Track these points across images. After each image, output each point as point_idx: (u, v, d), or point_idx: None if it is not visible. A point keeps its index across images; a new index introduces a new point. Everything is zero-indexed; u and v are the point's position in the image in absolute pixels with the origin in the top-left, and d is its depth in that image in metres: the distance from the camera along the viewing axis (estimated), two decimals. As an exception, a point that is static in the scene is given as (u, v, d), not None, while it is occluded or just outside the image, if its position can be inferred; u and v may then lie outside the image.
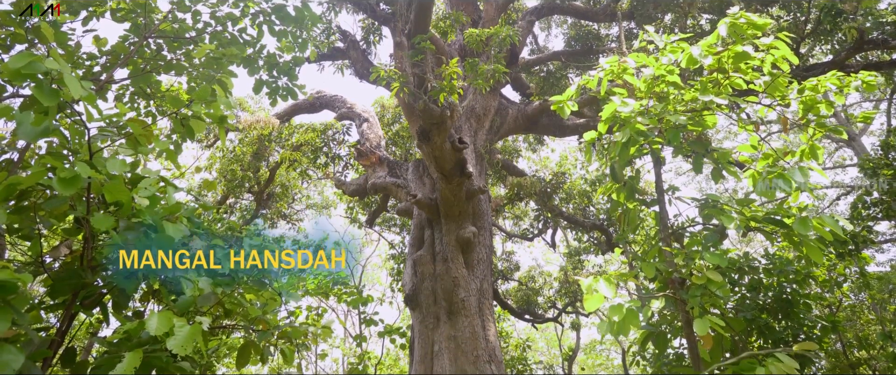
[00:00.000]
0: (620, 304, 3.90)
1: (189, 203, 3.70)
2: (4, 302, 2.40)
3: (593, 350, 28.96)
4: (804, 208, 4.49)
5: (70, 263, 3.28)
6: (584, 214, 15.25)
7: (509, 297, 18.61)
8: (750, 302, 5.98)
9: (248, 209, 16.43)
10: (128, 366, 2.53)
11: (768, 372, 3.61)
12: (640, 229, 10.81)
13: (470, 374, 8.74)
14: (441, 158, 8.90)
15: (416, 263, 10.07)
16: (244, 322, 3.68)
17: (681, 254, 4.57)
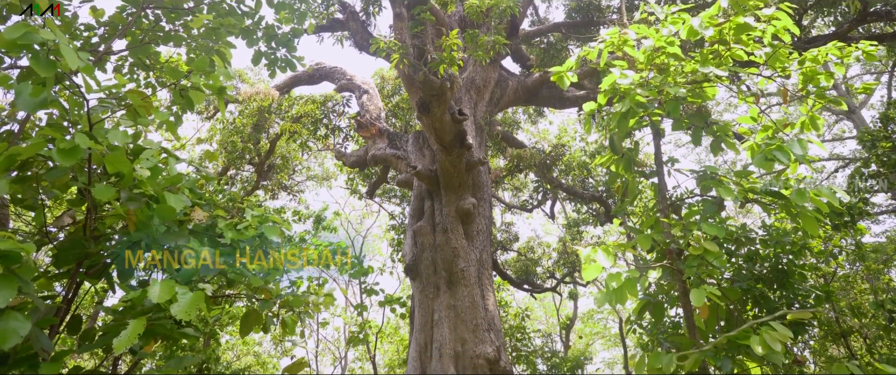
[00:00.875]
0: (618, 273, 3.95)
1: (190, 174, 3.72)
2: (10, 271, 2.44)
3: (591, 319, 29.38)
4: (802, 180, 4.52)
5: (74, 233, 3.31)
6: (582, 186, 15.30)
7: (508, 267, 18.80)
8: (746, 272, 6.05)
9: (249, 180, 16.46)
10: (132, 333, 2.58)
11: (762, 341, 3.69)
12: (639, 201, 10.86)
13: (469, 342, 8.90)
14: (441, 130, 8.89)
15: (417, 234, 10.16)
16: (247, 291, 3.73)
17: (678, 225, 4.62)
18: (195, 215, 3.47)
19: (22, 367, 2.72)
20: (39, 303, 2.82)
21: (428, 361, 9.04)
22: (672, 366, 4.00)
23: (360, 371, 30.08)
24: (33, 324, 2.55)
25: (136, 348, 3.20)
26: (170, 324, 3.04)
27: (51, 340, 2.84)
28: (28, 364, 2.71)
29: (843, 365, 3.59)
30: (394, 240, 17.62)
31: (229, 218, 3.66)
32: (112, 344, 2.56)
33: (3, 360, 2.73)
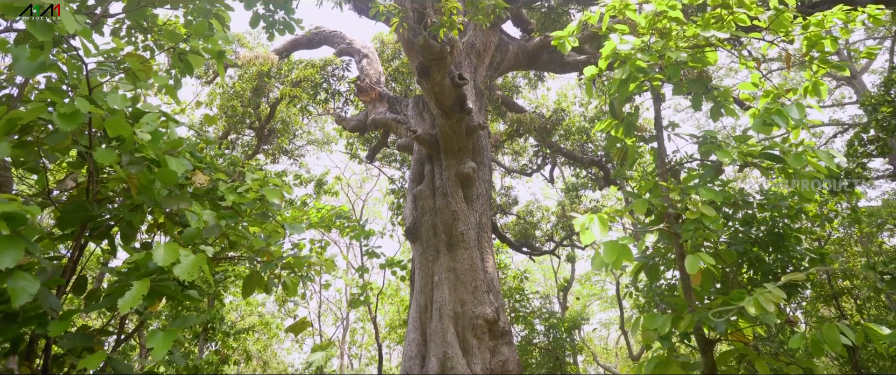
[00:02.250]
0: (614, 242, 3.99)
1: (191, 138, 3.73)
2: (15, 233, 2.47)
3: (588, 281, 29.80)
4: (801, 144, 4.53)
5: (76, 196, 3.34)
6: (582, 150, 15.29)
7: (508, 231, 18.96)
8: (742, 235, 6.13)
9: (250, 145, 16.46)
10: (137, 293, 2.62)
11: (756, 302, 3.75)
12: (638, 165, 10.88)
13: (469, 303, 9.06)
14: (441, 94, 8.84)
15: (417, 198, 10.22)
16: (249, 253, 3.79)
17: (677, 189, 4.65)
18: (196, 179, 3.50)
19: (32, 325, 2.79)
20: (46, 264, 2.87)
21: (428, 321, 9.23)
22: (667, 327, 4.10)
23: (362, 331, 30.69)
24: (41, 284, 2.60)
25: (141, 308, 3.27)
26: (173, 285, 3.10)
27: (58, 300, 2.90)
28: (37, 323, 2.78)
29: (834, 325, 3.67)
30: (394, 204, 17.72)
31: (230, 182, 3.68)
32: (117, 304, 2.62)
33: (13, 318, 2.80)
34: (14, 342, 2.94)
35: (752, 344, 4.70)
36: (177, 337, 2.76)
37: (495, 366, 8.70)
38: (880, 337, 3.63)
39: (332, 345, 27.86)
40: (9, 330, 2.80)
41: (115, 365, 3.06)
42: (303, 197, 9.35)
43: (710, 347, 4.49)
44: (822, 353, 3.76)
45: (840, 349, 3.64)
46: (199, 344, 14.50)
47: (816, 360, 5.64)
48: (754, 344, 4.78)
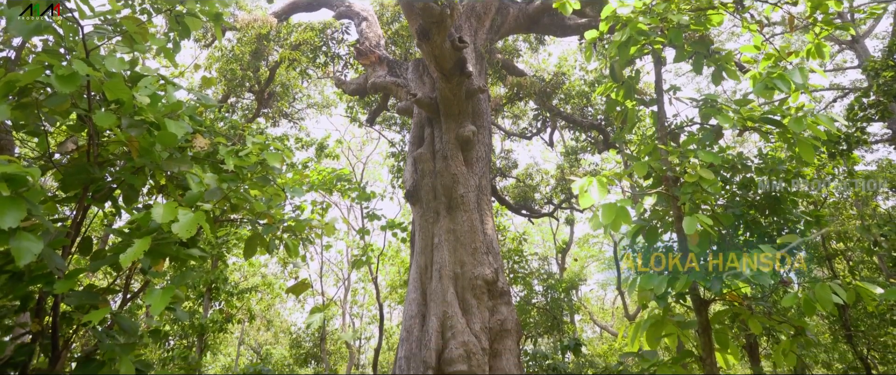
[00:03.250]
0: (613, 204, 4.02)
1: (190, 101, 3.72)
2: (17, 194, 2.49)
3: (586, 243, 30.07)
4: (802, 108, 4.52)
5: (78, 159, 3.36)
6: (582, 114, 15.22)
7: (507, 193, 19.04)
8: (740, 198, 6.16)
9: (250, 108, 16.38)
10: (137, 250, 2.66)
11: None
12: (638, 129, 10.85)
13: (468, 264, 9.18)
14: (441, 57, 8.75)
15: (417, 160, 10.24)
16: (250, 216, 3.83)
17: (676, 153, 4.66)
18: (196, 142, 3.51)
19: (39, 283, 2.86)
20: (49, 225, 2.90)
21: (428, 282, 9.37)
22: (663, 287, 4.17)
23: (363, 291, 31.16)
24: (45, 245, 2.64)
25: (146, 267, 3.33)
26: (175, 245, 3.14)
27: (63, 260, 2.96)
28: (44, 282, 2.84)
29: (826, 285, 3.74)
30: (394, 167, 17.74)
31: (231, 145, 3.69)
32: (119, 260, 2.66)
33: (20, 277, 2.86)
34: (23, 300, 3.02)
35: (746, 304, 4.80)
36: (175, 294, 2.82)
37: (494, 325, 8.88)
38: (871, 296, 3.71)
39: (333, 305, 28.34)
40: (17, 289, 2.87)
41: (121, 322, 3.14)
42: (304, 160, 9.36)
43: (704, 307, 4.58)
44: (813, 312, 3.85)
45: (831, 308, 3.72)
46: (204, 304, 14.76)
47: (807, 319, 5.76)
48: (748, 304, 4.88)
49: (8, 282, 2.87)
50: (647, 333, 4.43)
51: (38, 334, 3.02)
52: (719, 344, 4.42)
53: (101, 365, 3.03)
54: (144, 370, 3.26)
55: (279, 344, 30.13)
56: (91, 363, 3.04)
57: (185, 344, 14.37)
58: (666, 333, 4.49)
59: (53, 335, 3.02)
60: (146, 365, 3.30)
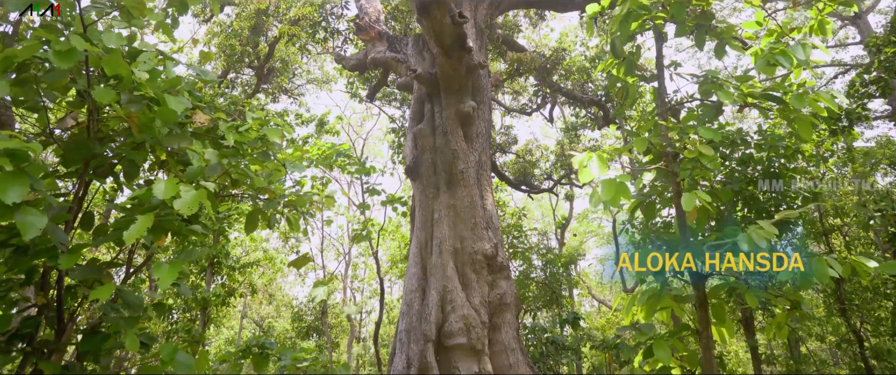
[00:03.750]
0: (612, 180, 4.03)
1: (189, 76, 3.71)
2: (19, 169, 2.50)
3: (585, 219, 30.19)
4: (803, 84, 4.50)
5: (78, 135, 3.37)
6: (582, 90, 15.14)
7: (507, 169, 19.05)
8: (739, 174, 6.19)
9: (250, 84, 16.29)
10: (140, 227, 2.68)
11: (749, 238, 3.84)
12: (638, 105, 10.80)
13: (468, 239, 9.25)
14: (441, 33, 8.67)
15: (417, 136, 10.23)
16: (251, 191, 3.85)
17: (676, 128, 4.66)
18: (196, 118, 3.51)
19: (43, 257, 2.89)
20: (51, 200, 2.92)
21: (428, 257, 9.45)
22: (661, 262, 4.21)
23: (364, 265, 31.40)
24: (48, 220, 2.66)
25: (148, 242, 3.36)
26: (177, 220, 3.16)
27: (66, 234, 2.99)
28: (48, 256, 2.88)
29: (822, 259, 3.77)
30: (394, 143, 17.71)
31: (231, 121, 3.69)
32: (123, 237, 2.68)
33: (25, 251, 2.89)
34: (28, 273, 3.05)
35: (743, 278, 4.85)
36: (181, 269, 2.85)
37: (493, 299, 8.98)
38: (866, 270, 3.75)
39: (335, 280, 28.59)
40: (21, 262, 2.90)
41: (125, 296, 3.18)
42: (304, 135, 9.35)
43: (702, 281, 4.62)
44: (809, 286, 3.89)
45: (827, 281, 3.76)
46: (207, 278, 14.90)
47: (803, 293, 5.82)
48: (744, 278, 4.93)
49: (12, 256, 2.90)
50: (644, 307, 4.48)
51: (43, 307, 3.07)
52: (716, 318, 4.48)
53: (106, 338, 3.09)
54: (149, 342, 3.32)
55: (281, 318, 30.50)
56: (97, 335, 3.10)
57: (189, 318, 14.55)
58: (662, 307, 4.55)
59: (58, 308, 3.07)
60: (150, 338, 3.36)
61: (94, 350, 3.08)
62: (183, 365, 2.92)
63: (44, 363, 2.89)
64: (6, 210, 2.43)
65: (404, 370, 8.11)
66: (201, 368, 3.28)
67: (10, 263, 2.89)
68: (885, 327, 10.77)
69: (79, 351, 3.08)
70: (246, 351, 5.59)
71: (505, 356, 8.56)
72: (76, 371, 3.00)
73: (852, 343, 11.54)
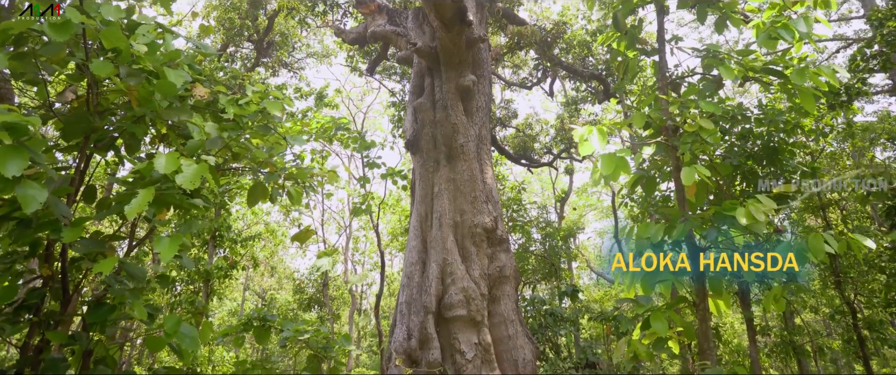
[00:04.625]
0: (612, 154, 4.04)
1: (189, 50, 3.69)
2: (19, 143, 2.51)
3: (585, 193, 30.27)
4: (805, 59, 4.48)
5: (78, 108, 3.36)
6: (583, 64, 15.02)
7: (507, 143, 19.01)
8: (738, 149, 6.19)
9: (249, 58, 16.16)
10: (142, 200, 2.70)
11: (747, 212, 3.86)
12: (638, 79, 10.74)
13: (468, 212, 9.29)
14: (441, 6, 8.57)
15: (417, 110, 10.19)
16: (252, 165, 3.86)
17: (676, 103, 4.65)
18: (196, 91, 3.50)
19: (46, 230, 2.91)
20: (52, 174, 2.93)
21: (428, 230, 9.51)
22: (660, 235, 4.25)
23: (364, 238, 31.58)
24: (50, 193, 2.67)
25: (150, 215, 3.38)
26: (178, 194, 3.18)
27: (68, 208, 3.00)
28: (51, 229, 2.90)
29: (819, 234, 3.80)
30: (394, 117, 17.65)
31: (231, 95, 3.68)
32: (125, 211, 2.70)
33: (28, 224, 2.92)
34: (32, 246, 3.08)
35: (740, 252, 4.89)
36: (183, 242, 2.87)
37: (493, 272, 9.07)
38: (861, 247, 3.79)
39: (336, 252, 28.79)
40: (25, 235, 2.93)
41: (129, 269, 3.22)
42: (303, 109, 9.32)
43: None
44: (806, 261, 3.93)
45: (823, 257, 3.80)
46: (209, 251, 15.01)
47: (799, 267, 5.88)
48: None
49: (16, 229, 2.93)
50: (642, 280, 4.53)
51: (48, 279, 3.11)
52: (713, 291, 4.54)
53: (112, 309, 3.13)
54: (153, 314, 3.37)
55: (283, 290, 30.82)
56: (102, 307, 3.14)
57: (192, 290, 14.71)
58: (661, 280, 4.59)
59: (63, 280, 3.10)
60: (155, 309, 3.41)
61: (100, 322, 3.13)
62: (187, 336, 2.97)
63: (51, 332, 2.94)
64: (7, 183, 2.44)
65: (405, 341, 8.23)
66: (205, 339, 3.33)
67: (13, 236, 2.92)
68: (878, 299, 10.91)
69: (85, 322, 3.13)
70: (248, 323, 5.67)
71: (504, 327, 8.69)
72: (83, 340, 3.05)
73: (846, 315, 11.71)
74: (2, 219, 2.89)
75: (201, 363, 14.89)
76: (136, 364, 19.03)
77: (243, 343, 5.77)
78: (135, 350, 18.69)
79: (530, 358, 8.45)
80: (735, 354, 16.53)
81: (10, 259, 3.09)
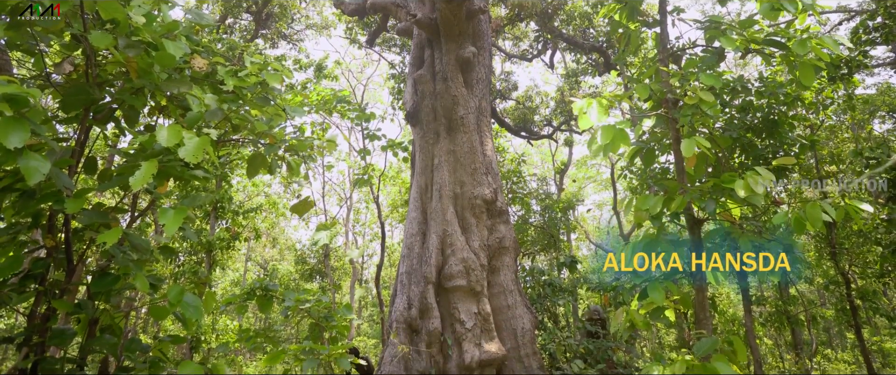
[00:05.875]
0: (612, 126, 4.04)
1: (186, 20, 3.66)
2: (19, 114, 2.51)
3: (584, 165, 30.28)
4: (807, 30, 4.44)
5: (77, 79, 3.36)
6: (583, 36, 14.86)
7: (507, 115, 18.94)
8: (738, 122, 6.18)
9: (248, 29, 15.98)
10: (146, 173, 2.71)
11: (745, 184, 3.88)
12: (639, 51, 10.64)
13: (468, 184, 9.32)
14: (441, -27, 8.44)
15: (417, 82, 10.14)
16: (252, 136, 3.86)
17: (677, 75, 4.63)
18: (195, 63, 3.49)
19: (48, 201, 2.94)
20: (54, 145, 2.94)
21: (428, 201, 9.56)
22: (658, 207, 4.27)
23: (365, 210, 31.72)
24: (52, 165, 2.69)
25: (152, 187, 3.41)
26: (180, 166, 3.19)
27: (70, 179, 3.02)
28: (54, 200, 2.93)
29: (817, 204, 3.82)
30: (394, 89, 17.54)
31: (230, 66, 3.67)
32: (129, 183, 2.72)
33: (31, 195, 2.94)
34: (35, 216, 3.12)
35: (737, 223, 4.93)
36: (187, 215, 2.89)
37: (493, 243, 9.15)
38: (860, 213, 3.82)
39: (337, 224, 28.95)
40: (28, 206, 2.95)
41: (132, 240, 3.26)
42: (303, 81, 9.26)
43: (698, 226, 4.71)
44: (803, 230, 3.96)
45: (820, 226, 3.83)
46: (211, 222, 15.10)
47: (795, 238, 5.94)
48: (739, 223, 5.01)
49: (19, 200, 2.95)
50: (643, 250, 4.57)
51: (52, 249, 3.15)
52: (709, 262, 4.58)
53: (116, 279, 3.18)
54: (157, 284, 3.42)
55: (285, 261, 31.08)
56: (107, 276, 3.19)
57: (195, 261, 14.84)
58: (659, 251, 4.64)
59: (67, 250, 3.14)
60: (158, 279, 3.46)
61: (105, 291, 3.18)
62: (190, 305, 3.02)
63: (57, 301, 2.99)
64: (9, 155, 2.45)
65: (405, 310, 8.35)
66: (208, 308, 3.39)
67: (16, 207, 2.94)
68: (872, 270, 11.04)
69: (90, 291, 3.18)
70: (251, 293, 5.74)
71: (503, 297, 8.80)
72: (89, 309, 3.11)
73: (840, 285, 11.87)
74: (4, 191, 2.91)
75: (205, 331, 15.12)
76: (142, 332, 19.33)
77: (246, 312, 5.86)
78: (140, 320, 18.97)
79: (529, 328, 8.59)
80: (730, 323, 16.78)
81: (14, 230, 3.12)
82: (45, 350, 3.00)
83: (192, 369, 2.94)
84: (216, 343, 15.40)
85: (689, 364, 3.43)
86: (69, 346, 3.16)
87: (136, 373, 3.15)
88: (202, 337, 14.72)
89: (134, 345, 3.27)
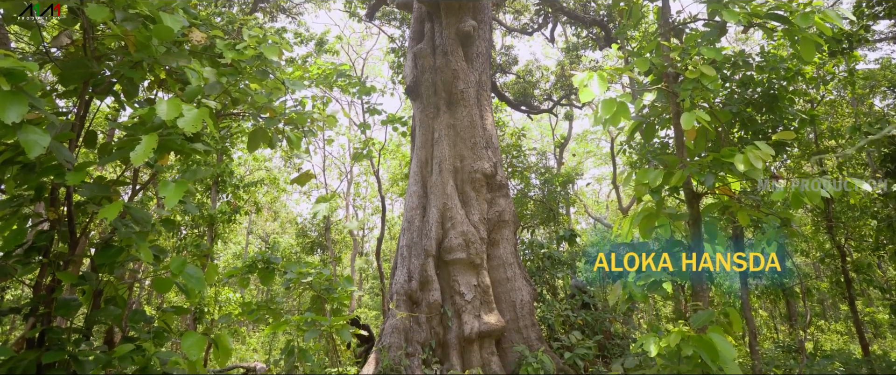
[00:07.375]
0: (613, 99, 4.04)
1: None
2: (17, 88, 2.50)
3: (584, 139, 30.21)
4: (810, 3, 4.40)
5: (74, 53, 3.34)
6: (584, 9, 14.68)
7: (507, 89, 18.82)
8: (738, 96, 6.15)
9: (247, 2, 15.75)
10: (146, 147, 2.72)
11: (745, 159, 3.89)
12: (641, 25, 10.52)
13: (468, 158, 9.33)
14: (441, -59, 8.30)
15: (417, 56, 10.06)
16: (252, 110, 3.86)
17: (678, 49, 4.60)
18: (193, 36, 3.47)
19: (50, 174, 2.96)
20: (53, 119, 2.94)
21: (428, 175, 9.58)
22: (658, 181, 4.29)
23: (365, 184, 31.77)
24: (52, 138, 2.69)
25: (152, 161, 3.42)
26: (180, 139, 3.20)
27: (71, 153, 3.03)
28: (55, 173, 2.94)
29: (815, 181, 3.84)
30: (394, 63, 17.40)
31: (228, 39, 3.64)
32: (129, 157, 2.73)
33: (32, 168, 2.96)
34: (37, 190, 3.14)
35: (736, 197, 4.96)
36: (187, 188, 2.91)
37: (492, 216, 9.20)
38: (858, 190, 3.84)
39: (337, 197, 29.01)
40: (30, 179, 2.97)
41: (134, 213, 3.29)
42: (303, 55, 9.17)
43: (696, 200, 4.74)
44: (801, 205, 3.98)
45: (818, 201, 3.85)
46: (212, 196, 15.14)
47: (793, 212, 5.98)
48: (737, 197, 5.04)
49: (20, 173, 2.97)
50: (640, 224, 4.61)
51: (55, 222, 3.18)
52: (708, 235, 4.62)
53: (119, 251, 3.22)
54: (159, 256, 3.46)
55: (286, 234, 31.25)
56: (110, 249, 3.22)
57: (197, 234, 14.93)
58: (658, 224, 4.67)
59: (70, 223, 3.17)
60: (161, 251, 3.49)
61: (109, 263, 3.22)
62: (193, 277, 3.06)
63: (61, 273, 3.03)
64: (8, 129, 2.45)
65: (406, 283, 8.45)
66: (210, 280, 3.43)
67: (18, 180, 2.96)
68: (867, 243, 11.14)
69: (94, 263, 3.22)
70: (253, 265, 5.81)
71: (502, 269, 8.89)
72: (93, 281, 3.15)
73: (835, 258, 11.98)
74: (6, 164, 2.93)
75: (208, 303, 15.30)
76: (146, 303, 19.56)
77: (248, 284, 5.93)
78: (144, 291, 19.17)
79: (528, 300, 8.69)
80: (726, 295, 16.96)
81: (17, 202, 3.15)
82: (51, 321, 3.06)
83: (195, 339, 2.99)
84: (219, 314, 15.60)
85: (686, 335, 3.49)
86: (75, 317, 3.22)
87: (141, 343, 3.21)
88: (205, 309, 14.90)
89: (138, 316, 3.32)
